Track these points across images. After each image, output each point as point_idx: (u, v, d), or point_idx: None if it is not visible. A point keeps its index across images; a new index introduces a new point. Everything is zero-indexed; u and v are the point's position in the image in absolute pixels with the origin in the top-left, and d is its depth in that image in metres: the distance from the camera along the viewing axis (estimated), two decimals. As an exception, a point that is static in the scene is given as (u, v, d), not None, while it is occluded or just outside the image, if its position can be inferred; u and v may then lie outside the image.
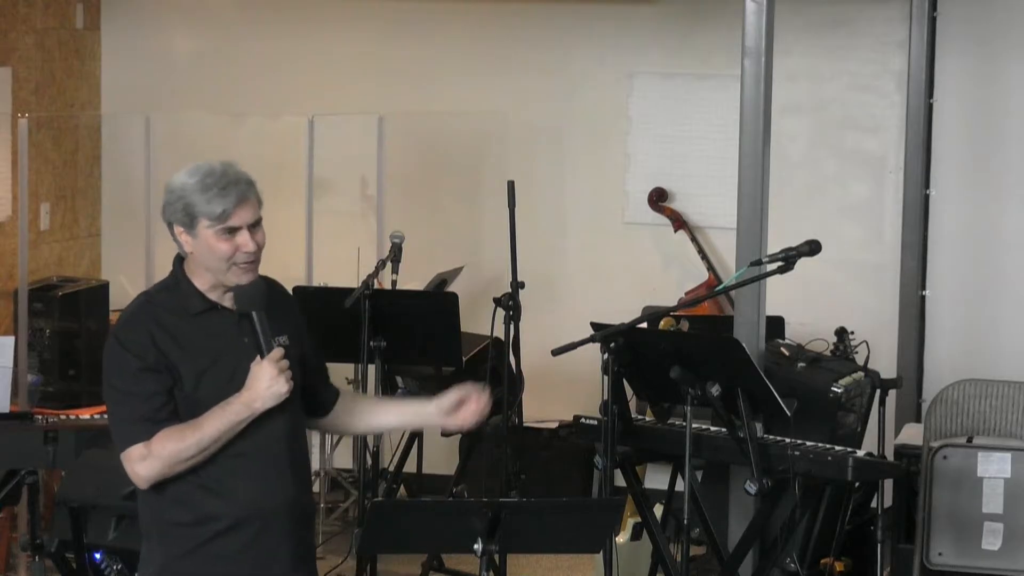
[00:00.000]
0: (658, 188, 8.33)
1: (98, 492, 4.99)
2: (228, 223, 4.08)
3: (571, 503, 4.19)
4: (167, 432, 3.99)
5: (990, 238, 7.88)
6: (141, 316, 4.11)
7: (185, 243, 4.12)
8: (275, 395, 4.02)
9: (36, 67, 8.58)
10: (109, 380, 4.07)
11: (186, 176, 4.13)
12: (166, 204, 4.14)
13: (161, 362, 4.02)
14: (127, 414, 4.02)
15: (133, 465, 4.02)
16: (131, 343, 4.04)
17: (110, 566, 4.97)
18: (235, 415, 4.00)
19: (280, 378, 4.02)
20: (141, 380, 4.01)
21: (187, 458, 3.99)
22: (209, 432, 3.99)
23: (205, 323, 4.10)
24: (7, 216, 8.31)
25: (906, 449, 6.41)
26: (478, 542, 3.89)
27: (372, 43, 8.76)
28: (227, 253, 4.09)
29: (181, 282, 4.16)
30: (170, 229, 4.15)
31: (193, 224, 4.08)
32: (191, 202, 4.08)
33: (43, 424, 5.84)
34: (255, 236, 4.14)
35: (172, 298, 4.14)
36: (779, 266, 5.34)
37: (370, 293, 6.60)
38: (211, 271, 4.11)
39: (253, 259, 4.14)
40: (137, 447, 4.00)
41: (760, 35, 5.98)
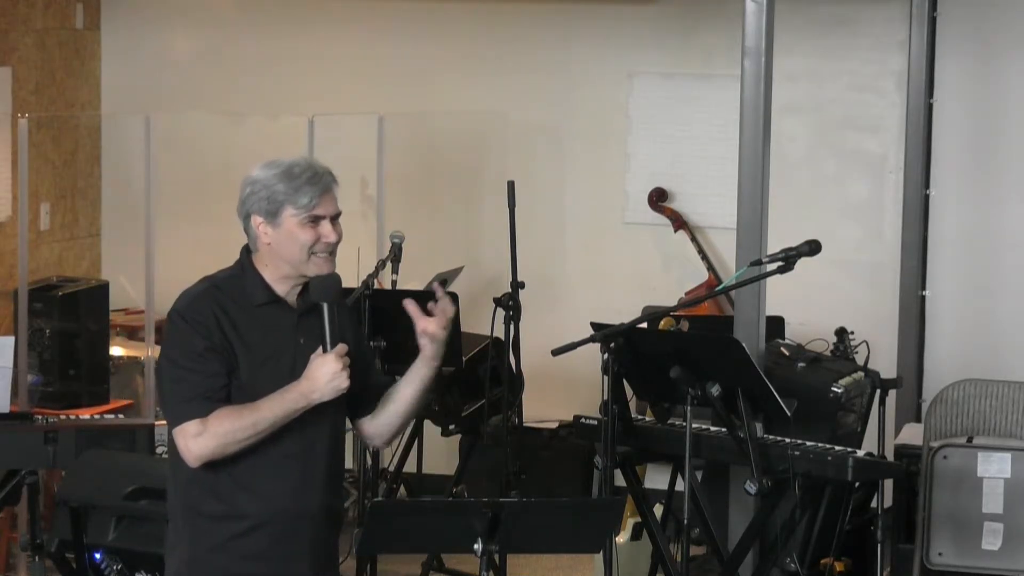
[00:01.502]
0: (658, 188, 8.33)
1: (98, 492, 5.00)
2: (314, 212, 4.09)
3: (571, 503, 4.19)
4: (224, 411, 4.02)
5: (990, 238, 7.88)
6: (206, 297, 4.14)
7: (263, 235, 4.13)
8: (335, 389, 4.05)
9: (36, 67, 8.58)
10: (170, 356, 4.09)
11: (268, 168, 4.14)
12: (247, 196, 4.15)
13: (224, 345, 4.05)
14: (186, 391, 4.04)
15: (187, 441, 4.04)
16: (198, 322, 4.07)
17: (110, 566, 4.97)
18: (292, 403, 4.03)
19: (342, 373, 4.04)
20: (205, 359, 4.04)
21: (241, 439, 4.01)
22: (265, 415, 4.01)
23: (265, 316, 4.13)
24: (7, 216, 8.31)
25: (906, 449, 6.41)
26: (478, 542, 3.89)
27: (372, 43, 8.76)
28: (309, 242, 4.10)
29: (247, 272, 4.18)
30: (245, 222, 4.17)
31: (277, 213, 4.10)
32: (277, 191, 4.10)
33: (43, 424, 5.85)
34: (336, 228, 4.13)
35: (236, 287, 4.17)
36: (779, 266, 5.35)
37: (370, 293, 6.60)
38: (289, 262, 4.12)
39: (332, 250, 4.14)
40: (193, 423, 4.02)
41: (760, 35, 5.98)
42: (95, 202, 9.11)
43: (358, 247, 7.90)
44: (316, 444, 4.12)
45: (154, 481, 4.89)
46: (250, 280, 4.16)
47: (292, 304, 4.16)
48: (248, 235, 4.19)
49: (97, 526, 4.97)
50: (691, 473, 5.56)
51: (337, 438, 4.20)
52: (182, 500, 4.13)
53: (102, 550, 4.98)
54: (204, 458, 4.04)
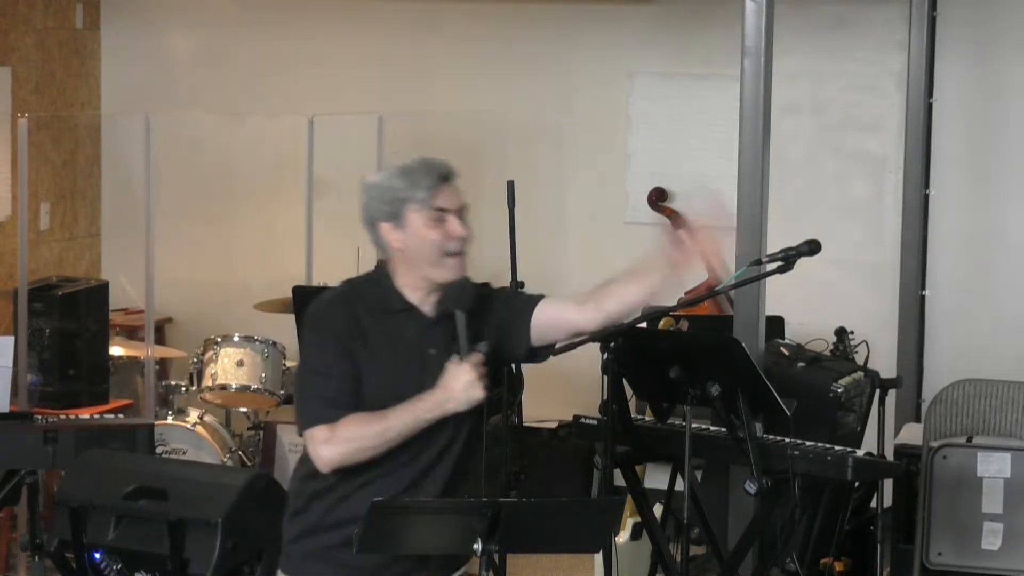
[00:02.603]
0: (658, 188, 8.32)
1: (98, 492, 5.00)
2: (436, 203, 4.05)
3: (571, 503, 4.18)
4: (352, 418, 3.98)
5: (990, 238, 7.88)
6: (341, 303, 4.10)
7: (393, 240, 4.08)
8: (470, 399, 4.01)
9: (36, 67, 8.58)
10: (304, 360, 4.09)
11: (384, 173, 4.13)
12: (367, 203, 4.10)
13: (354, 351, 4.02)
14: (317, 394, 4.02)
15: (316, 447, 4.01)
16: (330, 328, 4.05)
17: (110, 566, 4.97)
18: (424, 412, 3.99)
19: (478, 383, 4.00)
20: (337, 363, 4.01)
21: (368, 447, 3.98)
22: (395, 424, 3.98)
23: (399, 324, 4.08)
24: (7, 216, 8.31)
25: (906, 449, 6.41)
26: (478, 542, 3.89)
27: (372, 43, 8.76)
28: (438, 240, 4.05)
29: (383, 279, 4.13)
30: (374, 232, 4.11)
31: (400, 214, 4.06)
32: (394, 188, 4.07)
33: (43, 424, 5.84)
34: (463, 223, 4.10)
35: (372, 293, 4.12)
36: (779, 266, 5.34)
37: (370, 293, 6.57)
38: (421, 266, 4.07)
39: (463, 248, 4.08)
40: (321, 428, 3.99)
41: (760, 35, 5.98)
42: (95, 202, 9.11)
43: (358, 247, 7.90)
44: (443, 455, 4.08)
45: (154, 481, 4.90)
46: (385, 287, 4.11)
47: (425, 313, 4.11)
48: (379, 246, 4.13)
49: (97, 526, 4.97)
50: (691, 473, 5.56)
51: (464, 451, 4.15)
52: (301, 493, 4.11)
53: (102, 550, 4.98)
54: (335, 464, 4.00)
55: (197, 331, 8.55)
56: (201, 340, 7.98)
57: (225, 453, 7.69)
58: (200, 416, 7.78)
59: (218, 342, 7.85)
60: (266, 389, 7.81)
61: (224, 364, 7.79)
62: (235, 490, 4.80)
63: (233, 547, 4.75)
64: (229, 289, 8.85)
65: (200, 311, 8.94)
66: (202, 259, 9.01)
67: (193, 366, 7.88)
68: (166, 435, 7.61)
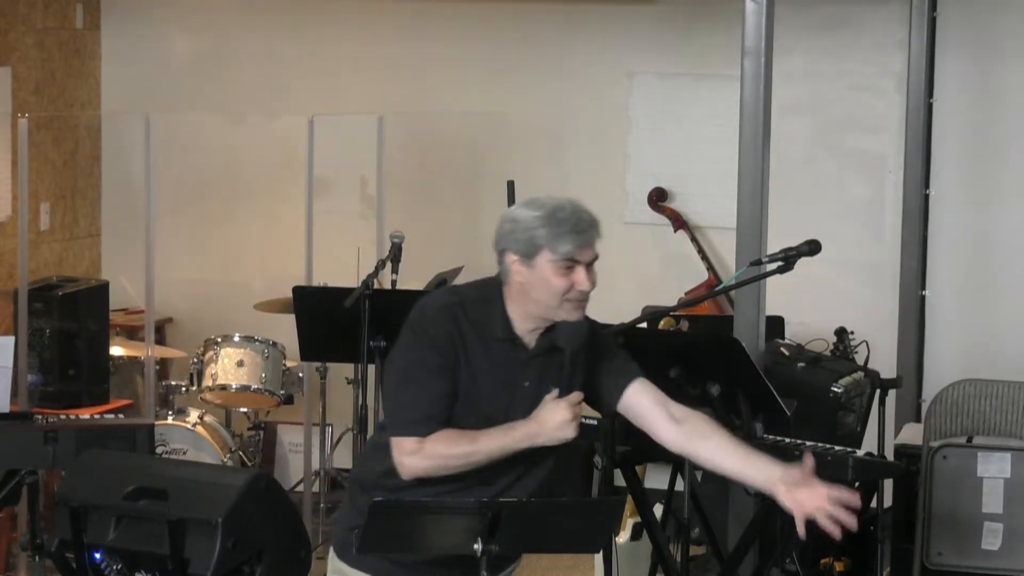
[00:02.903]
0: (658, 188, 8.33)
1: (98, 492, 4.99)
2: (571, 256, 4.01)
3: (571, 503, 4.18)
4: (443, 434, 4.00)
5: (990, 238, 7.88)
6: (449, 315, 4.06)
7: (516, 273, 4.05)
8: (560, 437, 4.03)
9: (36, 67, 8.58)
10: (404, 365, 4.06)
11: (532, 209, 4.05)
12: (506, 233, 4.07)
13: (458, 368, 4.02)
14: (412, 404, 4.02)
15: (402, 456, 4.03)
16: (437, 338, 4.03)
17: (110, 566, 4.96)
18: (513, 441, 4.02)
19: (572, 424, 4.02)
20: (437, 377, 4.02)
21: (453, 466, 4.01)
22: (483, 448, 4.01)
23: (498, 351, 4.07)
24: (7, 216, 8.31)
25: (906, 449, 6.41)
26: (478, 542, 3.89)
27: (372, 43, 8.76)
28: (563, 288, 4.03)
29: (494, 303, 4.10)
30: (500, 256, 4.09)
31: (533, 256, 4.02)
32: (538, 235, 4.01)
33: (43, 424, 5.84)
34: (590, 275, 4.06)
35: (480, 313, 4.09)
36: (779, 266, 5.34)
37: (370, 293, 6.59)
38: (539, 305, 4.05)
39: (585, 298, 4.07)
40: (411, 440, 4.01)
41: (760, 35, 5.98)
42: (95, 202, 9.12)
43: (358, 247, 7.91)
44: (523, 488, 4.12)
45: (154, 481, 4.89)
46: (495, 311, 4.09)
47: (527, 345, 4.10)
48: (500, 268, 4.11)
49: (97, 526, 4.96)
50: (691, 473, 5.56)
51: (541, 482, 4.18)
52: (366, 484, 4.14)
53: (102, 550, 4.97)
54: (416, 475, 4.04)
55: (197, 331, 8.55)
56: (201, 340, 7.98)
57: (225, 453, 7.69)
58: (200, 416, 7.78)
59: (218, 342, 7.86)
60: (266, 389, 7.81)
61: (224, 364, 7.80)
62: (235, 490, 4.79)
63: (233, 547, 4.74)
64: (229, 289, 8.86)
65: (200, 311, 8.94)
66: (202, 259, 9.02)
67: (193, 366, 7.88)
68: (166, 435, 7.62)
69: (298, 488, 8.12)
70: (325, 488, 8.15)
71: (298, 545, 4.98)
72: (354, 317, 6.57)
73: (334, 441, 8.38)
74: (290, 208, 8.34)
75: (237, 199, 8.98)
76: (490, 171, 8.37)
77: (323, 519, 8.00)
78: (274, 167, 8.81)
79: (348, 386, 7.82)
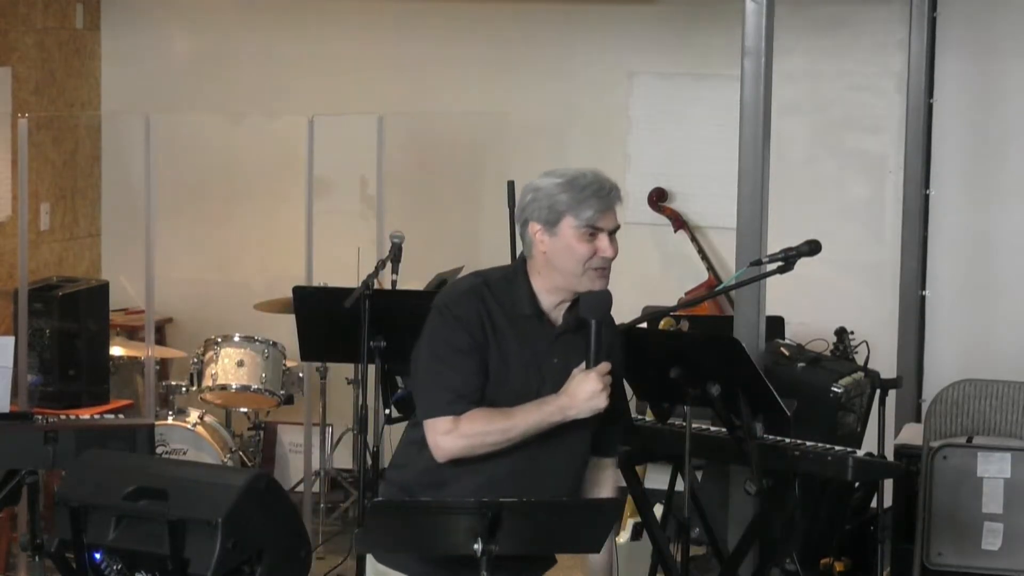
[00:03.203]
0: (658, 188, 8.33)
1: (98, 492, 4.99)
2: (594, 223, 4.05)
3: (571, 503, 4.18)
4: (477, 412, 4.01)
5: (990, 238, 7.88)
6: (474, 296, 4.08)
7: (540, 242, 4.08)
8: (593, 408, 4.04)
9: (36, 67, 8.58)
10: (433, 348, 4.06)
11: (552, 176, 4.11)
12: (528, 202, 4.10)
13: (484, 345, 4.03)
14: (443, 384, 4.03)
15: (436, 437, 4.04)
16: (465, 318, 4.04)
17: (110, 566, 4.96)
18: (547, 415, 4.02)
19: (602, 393, 4.03)
20: (467, 356, 4.02)
21: (490, 443, 4.02)
22: (518, 424, 4.01)
23: (526, 328, 4.09)
24: (7, 216, 8.31)
25: (906, 449, 6.41)
26: (478, 542, 3.89)
27: (372, 43, 8.76)
28: (586, 255, 4.06)
29: (519, 279, 4.13)
30: (523, 228, 4.11)
31: (556, 222, 4.06)
32: (560, 200, 4.06)
33: (43, 424, 5.84)
34: (613, 243, 4.09)
35: (505, 291, 4.11)
36: (779, 266, 5.34)
37: (370, 293, 6.59)
38: (563, 274, 4.08)
39: (607, 266, 4.09)
40: (445, 420, 4.02)
41: (760, 35, 5.97)
42: (95, 202, 9.12)
43: (358, 247, 7.92)
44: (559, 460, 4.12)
45: (154, 481, 4.89)
46: (520, 288, 4.11)
47: (554, 321, 4.12)
48: (523, 241, 4.13)
49: (97, 526, 4.96)
50: (691, 473, 5.56)
51: (580, 458, 4.19)
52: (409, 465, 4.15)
53: (102, 550, 4.97)
54: (452, 456, 4.04)
55: (197, 331, 8.56)
56: (201, 340, 7.98)
57: (225, 453, 7.69)
58: (200, 416, 7.79)
59: (218, 342, 7.86)
60: (266, 389, 7.81)
61: (224, 364, 7.80)
62: (235, 490, 4.79)
63: (233, 547, 4.74)
64: (229, 289, 8.86)
65: (200, 311, 8.94)
66: (202, 259, 9.02)
67: (193, 366, 7.88)
68: (166, 435, 7.62)
69: (298, 488, 8.12)
70: (325, 488, 8.15)
71: (298, 545, 4.97)
72: (354, 317, 6.56)
73: (334, 441, 8.38)
74: (290, 208, 8.34)
75: (237, 199, 8.98)
76: (490, 171, 8.37)
77: (323, 519, 8.00)
78: (274, 167, 8.81)
79: (348, 386, 7.83)
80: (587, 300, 4.09)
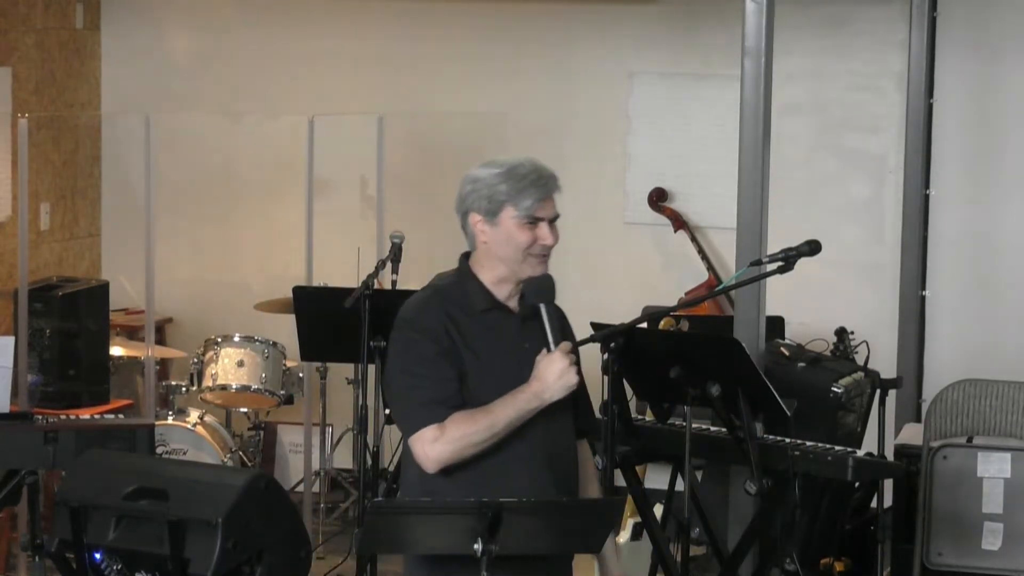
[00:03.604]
0: (658, 188, 8.33)
1: (98, 492, 4.99)
2: (535, 213, 4.12)
3: (571, 503, 4.18)
4: (460, 415, 4.04)
5: (990, 238, 7.88)
6: (432, 304, 4.14)
7: (480, 232, 4.15)
8: (565, 386, 4.08)
9: (36, 67, 8.58)
10: (403, 365, 4.10)
11: (491, 167, 4.18)
12: (468, 193, 4.16)
13: (453, 350, 4.06)
14: (420, 397, 4.06)
15: (424, 446, 4.05)
16: (426, 329, 4.08)
17: (110, 566, 4.96)
18: (525, 403, 4.06)
19: (571, 369, 4.07)
20: (437, 364, 4.05)
21: (477, 442, 4.04)
22: (500, 418, 4.04)
23: (489, 322, 4.14)
24: (7, 216, 8.31)
25: (906, 449, 6.41)
26: (478, 542, 3.89)
27: (372, 43, 8.76)
28: (526, 243, 4.13)
29: (467, 278, 4.18)
30: (463, 219, 4.18)
31: (497, 212, 4.12)
32: (499, 190, 4.12)
33: (43, 424, 5.84)
34: (553, 231, 4.17)
35: (459, 292, 4.16)
36: (779, 266, 5.33)
37: (370, 293, 6.59)
38: (505, 262, 4.14)
39: (547, 252, 4.17)
40: (430, 429, 4.04)
41: (760, 35, 5.98)
42: (95, 202, 9.12)
43: (358, 247, 7.91)
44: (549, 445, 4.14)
45: (154, 481, 4.89)
46: (471, 286, 4.16)
47: (513, 309, 4.17)
48: (465, 233, 4.19)
49: (97, 526, 4.96)
50: (691, 473, 5.56)
51: (567, 439, 4.22)
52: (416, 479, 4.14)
53: (102, 550, 4.97)
54: (443, 463, 4.06)
55: (197, 331, 8.56)
56: (201, 340, 7.98)
57: (225, 453, 7.69)
58: (200, 416, 7.78)
59: (218, 342, 7.86)
60: (266, 389, 7.82)
61: (224, 364, 7.80)
62: (235, 490, 4.79)
63: (233, 547, 4.74)
64: (229, 289, 8.86)
65: (200, 311, 8.94)
66: (202, 259, 9.02)
67: (193, 366, 7.89)
68: (166, 435, 7.62)
69: (298, 488, 8.13)
70: (325, 488, 8.15)
71: (298, 545, 4.98)
72: (354, 317, 6.57)
73: (334, 441, 8.38)
74: (290, 208, 8.35)
75: (237, 199, 8.98)
76: (490, 171, 8.36)
77: (323, 519, 8.00)
78: (274, 167, 8.81)
79: (348, 386, 7.83)
80: (531, 285, 4.15)
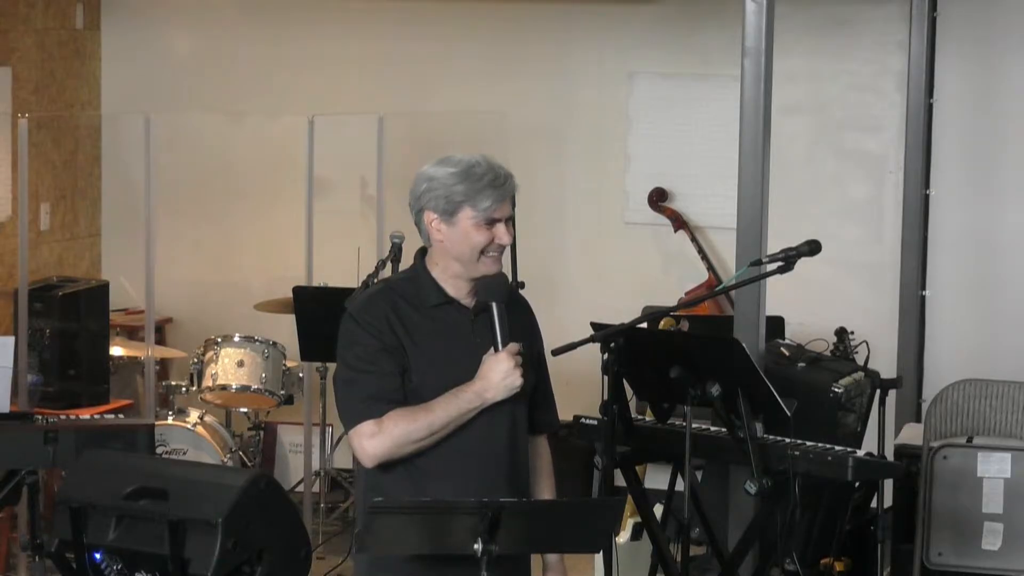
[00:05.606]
0: (658, 188, 8.33)
1: (98, 492, 4.99)
2: (491, 214, 4.10)
3: (571, 503, 4.19)
4: (399, 412, 4.03)
5: (990, 238, 7.88)
6: (379, 299, 4.14)
7: (436, 231, 4.13)
8: (508, 387, 4.08)
9: (36, 67, 8.58)
10: (344, 359, 4.11)
11: (447, 166, 4.15)
12: (423, 192, 4.15)
13: (396, 345, 4.06)
14: (360, 391, 4.06)
15: (362, 441, 4.05)
16: (369, 323, 4.08)
17: (110, 566, 4.96)
18: (466, 403, 4.05)
19: (516, 371, 4.07)
20: (378, 359, 4.05)
21: (416, 440, 4.04)
22: (440, 416, 4.04)
23: (440, 317, 4.13)
24: (7, 216, 8.31)
25: (906, 449, 6.41)
26: (478, 542, 3.89)
27: (372, 43, 8.76)
28: (483, 243, 4.11)
29: (421, 274, 4.18)
30: (417, 217, 4.16)
31: (454, 213, 4.10)
32: (456, 191, 4.10)
33: (43, 424, 5.84)
34: (509, 230, 4.16)
35: (411, 289, 4.16)
36: (779, 266, 5.33)
37: (370, 293, 6.58)
38: (459, 261, 4.13)
39: (502, 251, 4.16)
40: (368, 423, 4.04)
41: (760, 35, 5.98)
42: (95, 202, 9.12)
43: (358, 247, 7.91)
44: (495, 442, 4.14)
45: (154, 481, 4.89)
46: (424, 282, 4.16)
47: (466, 305, 4.16)
48: (419, 230, 4.18)
49: (97, 526, 4.96)
50: (691, 473, 5.56)
51: (518, 436, 4.22)
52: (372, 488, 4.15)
53: (102, 550, 4.97)
54: (380, 458, 4.06)
55: (197, 331, 8.56)
56: (201, 340, 7.98)
57: (225, 453, 7.69)
58: (200, 416, 7.79)
59: (218, 342, 7.86)
60: (266, 389, 7.81)
61: (224, 364, 7.80)
62: (235, 490, 4.79)
63: (233, 547, 4.74)
64: (229, 289, 8.86)
65: (200, 311, 8.94)
66: (202, 259, 9.02)
67: (193, 366, 7.88)
68: (166, 435, 7.62)
69: (298, 488, 8.12)
70: (325, 488, 8.15)
71: (298, 545, 4.98)
72: (354, 317, 6.55)
73: (334, 441, 8.37)
74: (290, 208, 8.34)
75: (237, 199, 8.98)
76: (490, 171, 8.36)
77: (323, 519, 8.00)
78: (274, 167, 8.81)
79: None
80: (483, 284, 4.14)
